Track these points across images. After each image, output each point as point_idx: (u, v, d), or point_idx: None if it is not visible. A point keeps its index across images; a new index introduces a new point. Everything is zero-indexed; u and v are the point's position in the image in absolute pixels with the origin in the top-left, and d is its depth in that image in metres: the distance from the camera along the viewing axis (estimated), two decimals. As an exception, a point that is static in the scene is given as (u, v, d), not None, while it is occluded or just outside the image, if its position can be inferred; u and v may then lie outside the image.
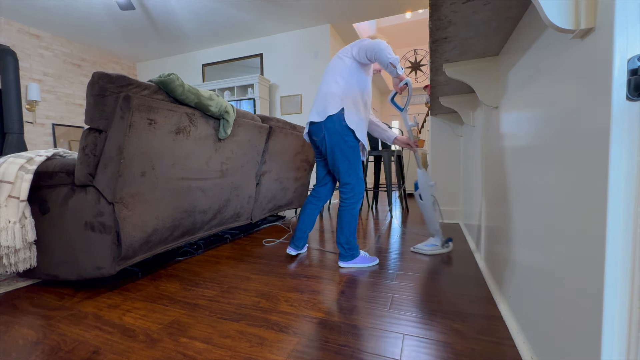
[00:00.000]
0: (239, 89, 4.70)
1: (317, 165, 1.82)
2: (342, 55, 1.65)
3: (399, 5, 3.87)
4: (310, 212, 1.79)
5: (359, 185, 1.62)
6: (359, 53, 1.58)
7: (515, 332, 0.92)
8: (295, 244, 1.79)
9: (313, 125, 1.64)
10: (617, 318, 0.47)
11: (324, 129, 1.59)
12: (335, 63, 1.65)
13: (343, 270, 1.57)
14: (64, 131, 4.58)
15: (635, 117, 0.45)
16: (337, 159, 1.60)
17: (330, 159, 1.63)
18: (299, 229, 1.78)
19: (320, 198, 1.80)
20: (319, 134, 1.63)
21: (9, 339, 0.98)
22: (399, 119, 9.21)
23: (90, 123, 1.26)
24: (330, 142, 1.59)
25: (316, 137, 1.65)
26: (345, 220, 1.62)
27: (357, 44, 1.61)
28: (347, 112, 1.57)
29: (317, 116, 1.61)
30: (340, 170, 1.61)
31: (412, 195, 5.16)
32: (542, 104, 0.76)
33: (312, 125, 1.65)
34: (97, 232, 1.27)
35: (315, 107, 1.65)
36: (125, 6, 3.52)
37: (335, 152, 1.60)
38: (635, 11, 0.45)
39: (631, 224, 0.46)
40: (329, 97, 1.60)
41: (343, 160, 1.60)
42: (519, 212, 0.95)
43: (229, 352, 0.90)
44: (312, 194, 1.82)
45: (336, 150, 1.59)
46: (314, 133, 1.65)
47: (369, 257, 1.66)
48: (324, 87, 1.64)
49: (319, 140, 1.65)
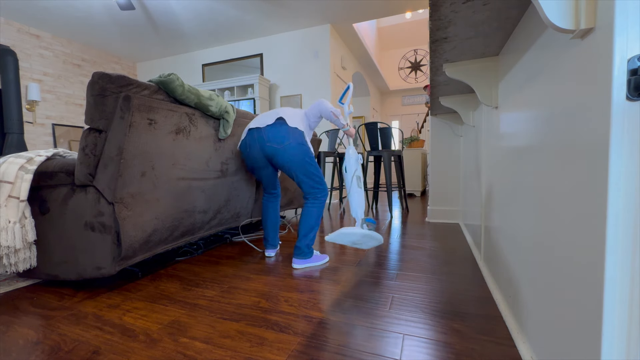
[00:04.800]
0: (239, 89, 4.70)
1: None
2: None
3: (399, 5, 3.87)
4: (274, 212, 1.84)
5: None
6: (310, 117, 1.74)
7: (515, 332, 0.92)
8: (272, 243, 1.84)
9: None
10: (617, 318, 0.47)
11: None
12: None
13: (298, 271, 1.57)
14: (64, 131, 4.58)
15: (635, 117, 0.45)
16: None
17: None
18: (272, 229, 1.84)
19: (278, 195, 1.87)
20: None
21: (9, 339, 0.99)
22: (399, 118, 9.22)
23: (90, 123, 1.26)
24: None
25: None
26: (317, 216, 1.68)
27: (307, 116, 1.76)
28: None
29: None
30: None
31: (412, 195, 5.16)
32: (542, 104, 0.76)
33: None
34: (97, 232, 1.27)
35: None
36: (125, 6, 3.52)
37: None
38: (635, 11, 0.45)
39: (631, 224, 0.46)
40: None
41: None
42: (519, 211, 0.95)
43: (229, 352, 0.90)
44: (270, 194, 1.84)
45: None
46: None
47: (320, 255, 1.71)
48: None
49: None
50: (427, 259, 1.72)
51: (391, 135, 3.45)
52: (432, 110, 2.57)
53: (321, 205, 1.66)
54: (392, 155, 3.34)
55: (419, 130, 6.55)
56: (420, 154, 5.03)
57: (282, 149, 1.57)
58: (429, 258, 1.73)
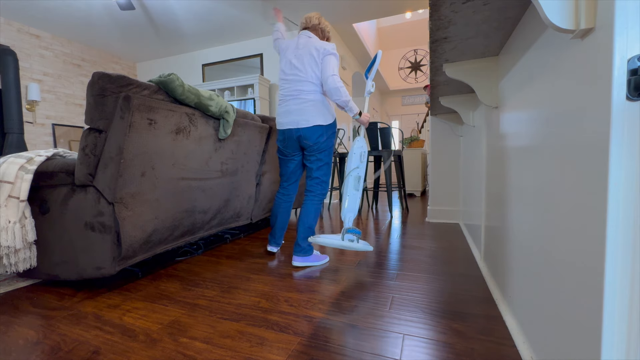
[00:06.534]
0: (239, 89, 4.70)
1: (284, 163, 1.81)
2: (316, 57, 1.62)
3: (399, 5, 3.87)
4: (286, 211, 1.83)
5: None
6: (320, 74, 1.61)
7: (515, 332, 0.92)
8: (277, 241, 1.85)
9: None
10: (617, 318, 0.47)
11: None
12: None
13: (298, 271, 1.57)
14: (64, 131, 4.58)
15: (635, 117, 0.45)
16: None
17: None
18: (279, 228, 1.83)
19: (291, 195, 1.85)
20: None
21: (9, 339, 0.98)
22: (399, 118, 9.22)
23: (90, 123, 1.26)
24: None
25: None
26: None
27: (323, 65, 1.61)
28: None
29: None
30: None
31: (412, 195, 5.15)
32: (542, 104, 0.76)
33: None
34: (97, 232, 1.27)
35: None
36: (125, 6, 3.52)
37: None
38: (635, 11, 0.45)
39: (631, 224, 0.46)
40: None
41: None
42: (519, 211, 0.95)
43: (229, 352, 0.90)
44: (283, 192, 1.82)
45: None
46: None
47: (320, 255, 1.71)
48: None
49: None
50: (427, 259, 1.72)
51: (391, 135, 3.45)
52: (432, 110, 2.57)
53: (320, 201, 1.69)
54: (392, 155, 3.34)
55: (419, 130, 6.54)
56: (420, 154, 5.02)
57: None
58: (429, 258, 1.73)
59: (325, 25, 1.75)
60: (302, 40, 1.67)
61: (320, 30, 1.74)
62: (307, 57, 1.61)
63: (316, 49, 1.60)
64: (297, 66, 1.62)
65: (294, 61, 1.64)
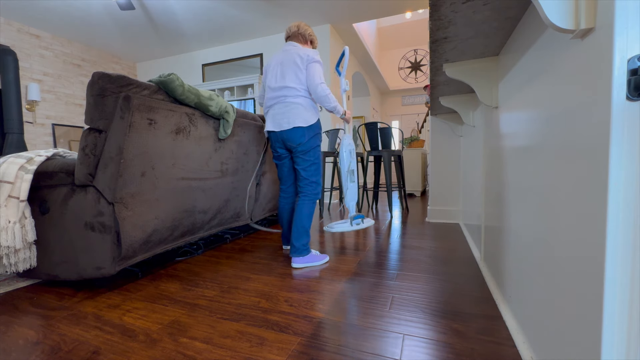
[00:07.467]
0: (239, 89, 4.70)
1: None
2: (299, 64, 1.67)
3: (399, 5, 3.87)
4: (290, 211, 1.88)
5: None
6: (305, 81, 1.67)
7: (515, 332, 0.92)
8: (290, 240, 1.88)
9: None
10: (617, 318, 0.47)
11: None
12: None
13: (298, 271, 1.57)
14: (64, 131, 4.58)
15: (635, 117, 0.45)
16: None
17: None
18: (289, 228, 1.88)
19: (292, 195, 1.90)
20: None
21: (9, 339, 0.98)
22: (399, 118, 9.22)
23: (90, 123, 1.26)
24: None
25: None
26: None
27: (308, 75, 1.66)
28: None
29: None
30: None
31: (412, 195, 5.15)
32: (542, 104, 0.76)
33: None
34: (97, 232, 1.27)
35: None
36: (125, 6, 3.52)
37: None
38: (635, 11, 0.45)
39: (631, 224, 0.46)
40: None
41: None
42: (518, 212, 0.95)
43: (229, 352, 0.90)
44: (283, 195, 1.87)
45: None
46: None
47: (320, 254, 1.72)
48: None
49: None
50: (427, 259, 1.72)
51: (391, 135, 3.45)
52: (432, 110, 2.57)
53: (312, 201, 1.72)
54: (392, 155, 3.34)
55: (419, 130, 6.54)
56: (420, 154, 5.02)
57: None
58: (429, 258, 1.73)
59: (305, 30, 1.79)
60: (286, 48, 1.74)
61: (301, 36, 1.78)
62: (291, 64, 1.67)
63: (299, 56, 1.66)
64: (283, 74, 1.69)
65: (278, 70, 1.70)
